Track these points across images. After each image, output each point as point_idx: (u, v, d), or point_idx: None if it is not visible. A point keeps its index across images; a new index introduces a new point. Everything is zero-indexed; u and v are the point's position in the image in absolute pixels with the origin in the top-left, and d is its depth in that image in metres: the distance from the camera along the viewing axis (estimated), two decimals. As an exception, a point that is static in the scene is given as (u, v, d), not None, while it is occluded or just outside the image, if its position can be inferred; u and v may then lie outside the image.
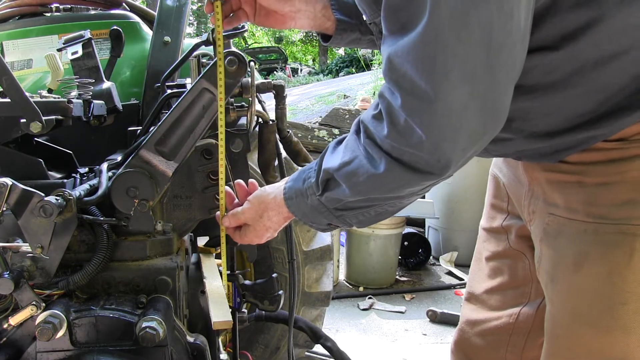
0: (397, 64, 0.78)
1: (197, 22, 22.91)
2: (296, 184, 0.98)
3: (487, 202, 1.34)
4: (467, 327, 1.35)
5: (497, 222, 1.29)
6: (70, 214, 1.04)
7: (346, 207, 0.93)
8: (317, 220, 0.99)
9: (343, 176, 0.89)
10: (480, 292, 1.33)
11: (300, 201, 0.97)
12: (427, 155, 0.80)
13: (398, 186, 0.86)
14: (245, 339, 1.97)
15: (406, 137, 0.80)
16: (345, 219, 0.96)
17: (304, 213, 0.98)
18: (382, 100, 0.83)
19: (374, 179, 0.85)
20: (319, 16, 1.14)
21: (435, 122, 0.77)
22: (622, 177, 0.91)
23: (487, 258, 1.32)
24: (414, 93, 0.77)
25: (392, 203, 0.92)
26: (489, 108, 0.79)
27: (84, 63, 1.72)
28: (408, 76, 0.77)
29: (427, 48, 0.74)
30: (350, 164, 0.88)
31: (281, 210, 1.01)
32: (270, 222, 1.04)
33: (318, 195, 0.93)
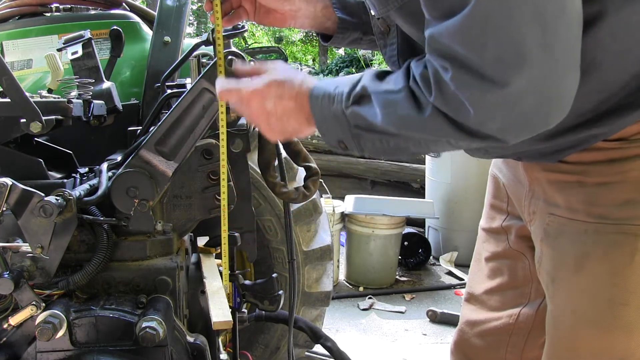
0: (444, 44, 0.74)
1: (197, 22, 22.91)
2: (327, 86, 0.91)
3: (486, 203, 1.34)
4: (467, 328, 1.35)
5: (496, 222, 1.29)
6: (70, 214, 1.04)
7: (369, 129, 0.87)
8: (331, 131, 0.91)
9: (382, 101, 0.83)
10: (480, 292, 1.33)
11: (325, 104, 0.90)
12: (473, 126, 0.76)
13: (436, 133, 0.81)
14: (245, 339, 1.97)
15: (453, 108, 0.76)
16: (360, 140, 0.89)
17: (322, 117, 0.91)
18: (431, 65, 0.78)
19: (414, 119, 0.80)
20: (319, 15, 1.13)
21: (487, 100, 0.73)
22: (623, 176, 0.91)
23: (487, 258, 1.32)
24: (464, 67, 0.73)
25: (419, 144, 0.86)
26: (549, 93, 0.73)
27: (84, 63, 1.72)
28: (459, 55, 0.73)
29: (477, 30, 0.70)
30: (394, 94, 0.82)
31: (301, 101, 0.92)
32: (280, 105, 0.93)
33: (345, 106, 0.87)
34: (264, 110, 0.94)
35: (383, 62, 6.95)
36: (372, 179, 4.99)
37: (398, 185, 4.97)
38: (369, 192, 4.86)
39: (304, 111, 0.93)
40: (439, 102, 0.77)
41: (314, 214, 1.98)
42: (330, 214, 3.37)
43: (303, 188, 1.27)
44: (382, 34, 1.04)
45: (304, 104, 0.92)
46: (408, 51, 1.00)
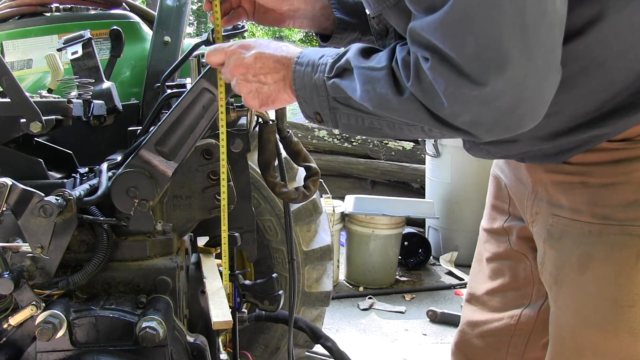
0: (425, 37, 0.73)
1: (197, 22, 22.91)
2: (312, 55, 0.91)
3: (487, 203, 1.33)
4: (468, 329, 1.34)
5: (498, 223, 1.28)
6: (70, 214, 1.04)
7: (346, 103, 0.87)
8: (308, 101, 0.91)
9: (362, 77, 0.83)
10: (481, 293, 1.33)
11: (307, 72, 0.89)
12: (446, 116, 0.76)
13: (411, 117, 0.81)
14: (245, 339, 1.97)
15: (428, 97, 0.76)
16: (336, 114, 0.89)
17: (302, 86, 0.90)
18: (413, 52, 0.77)
19: (391, 99, 0.80)
20: (317, 15, 1.13)
21: (461, 95, 0.73)
22: (627, 177, 0.90)
23: (488, 259, 1.32)
24: (443, 60, 0.72)
25: (393, 125, 0.86)
26: (525, 96, 0.72)
27: (84, 63, 1.72)
28: (439, 48, 0.72)
29: (456, 27, 0.70)
30: (375, 71, 0.82)
31: (284, 62, 0.92)
32: (260, 61, 0.92)
33: (326, 77, 0.87)
34: (242, 62, 0.94)
35: (383, 62, 6.96)
36: (372, 179, 4.99)
37: (398, 185, 4.97)
38: (369, 192, 4.86)
39: (285, 75, 0.92)
40: (415, 89, 0.77)
41: (314, 214, 1.98)
42: (330, 214, 3.37)
43: (303, 188, 1.27)
44: (380, 34, 1.03)
45: (286, 66, 0.92)
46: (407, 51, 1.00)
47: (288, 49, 0.94)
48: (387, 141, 4.96)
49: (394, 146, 4.94)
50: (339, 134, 5.00)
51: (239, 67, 0.95)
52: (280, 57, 0.93)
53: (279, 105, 0.98)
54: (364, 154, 4.97)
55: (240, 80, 0.96)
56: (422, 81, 0.76)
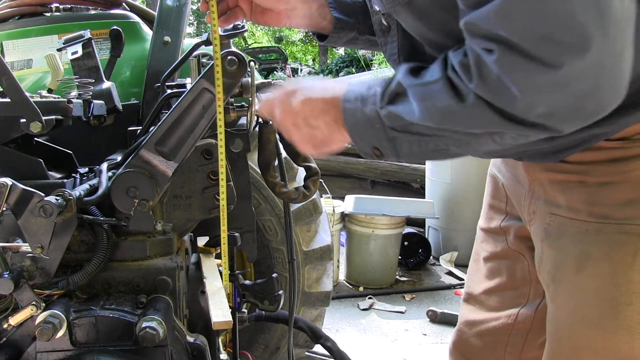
0: (485, 28, 0.69)
1: (197, 22, 22.91)
2: (360, 87, 0.87)
3: (485, 203, 1.34)
4: (466, 328, 1.35)
5: (495, 222, 1.28)
6: (70, 214, 1.04)
7: (405, 129, 0.82)
8: (364, 137, 0.86)
9: (419, 94, 0.79)
10: (478, 292, 1.33)
11: (357, 107, 0.86)
12: (519, 113, 0.72)
13: (479, 123, 0.76)
14: (245, 339, 1.97)
15: (496, 94, 0.71)
16: (396, 143, 0.84)
17: (355, 122, 0.86)
18: (471, 51, 0.73)
19: (455, 110, 0.76)
20: (315, 15, 1.13)
21: (535, 82, 0.68)
22: (625, 176, 0.90)
23: (485, 259, 1.32)
24: (510, 48, 0.68)
25: (460, 141, 0.81)
26: (604, 75, 0.68)
27: (84, 63, 1.72)
28: (504, 36, 0.68)
29: (521, 9, 0.66)
30: (431, 84, 0.78)
31: (330, 110, 0.88)
32: (309, 105, 0.90)
33: (379, 107, 0.83)
34: (290, 110, 0.92)
35: (383, 62, 6.94)
36: (372, 179, 4.99)
37: (398, 185, 4.97)
38: (369, 192, 4.86)
39: (335, 115, 0.88)
40: (480, 89, 0.72)
41: (314, 214, 1.98)
42: (330, 214, 3.37)
43: (303, 188, 1.27)
44: (382, 31, 1.03)
45: (335, 105, 0.89)
46: (409, 49, 1.00)
47: (334, 86, 0.91)
48: (387, 141, 4.96)
49: (394, 146, 4.94)
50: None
51: (288, 115, 0.93)
52: (328, 98, 0.90)
53: (335, 148, 0.94)
54: (364, 154, 4.97)
55: (291, 128, 0.94)
56: (486, 78, 0.71)
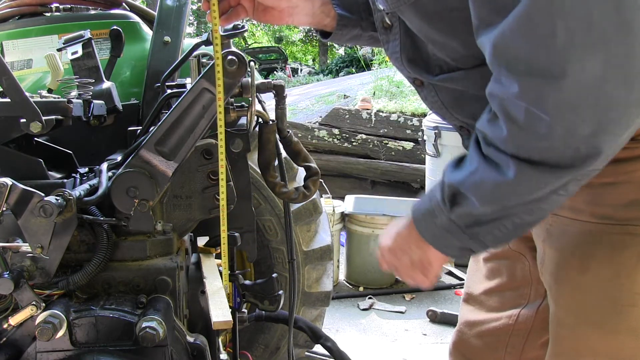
0: (505, 46, 0.69)
1: (197, 22, 22.92)
2: (423, 203, 0.91)
3: None
4: (466, 329, 1.34)
5: None
6: (70, 214, 1.04)
7: (479, 222, 0.84)
8: (449, 244, 0.89)
9: (470, 187, 0.81)
10: (478, 292, 1.33)
11: (429, 221, 0.89)
12: (561, 144, 0.69)
13: (533, 189, 0.76)
14: (245, 339, 1.97)
15: (530, 131, 0.70)
16: (479, 237, 0.86)
17: (434, 235, 0.90)
18: (493, 98, 0.74)
19: (504, 186, 0.77)
20: (317, 12, 1.13)
21: (565, 102, 0.66)
22: (629, 177, 0.89)
23: (485, 259, 1.32)
24: (532, 73, 0.67)
25: (529, 209, 0.81)
26: (634, 75, 0.65)
27: (84, 63, 1.72)
28: (521, 56, 0.67)
29: (540, 16, 0.65)
30: (475, 174, 0.80)
31: (412, 232, 0.93)
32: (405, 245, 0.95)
33: (447, 213, 0.85)
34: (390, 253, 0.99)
35: (383, 62, 6.94)
36: (372, 179, 4.99)
37: (398, 185, 4.97)
38: (369, 192, 4.86)
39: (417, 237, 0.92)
40: (513, 134, 0.72)
41: (314, 214, 1.98)
42: (330, 214, 3.37)
43: (303, 188, 1.27)
44: (384, 29, 1.03)
45: (412, 230, 0.93)
46: (411, 47, 1.00)
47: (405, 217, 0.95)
48: (387, 141, 4.96)
49: (394, 146, 4.94)
50: (338, 134, 5.00)
51: (392, 259, 0.99)
52: (405, 227, 0.95)
53: (441, 262, 0.96)
54: (364, 154, 4.97)
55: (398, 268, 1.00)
56: (516, 119, 0.71)
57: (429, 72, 1.00)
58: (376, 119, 5.07)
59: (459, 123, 1.06)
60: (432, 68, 0.99)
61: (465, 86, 0.96)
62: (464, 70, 0.94)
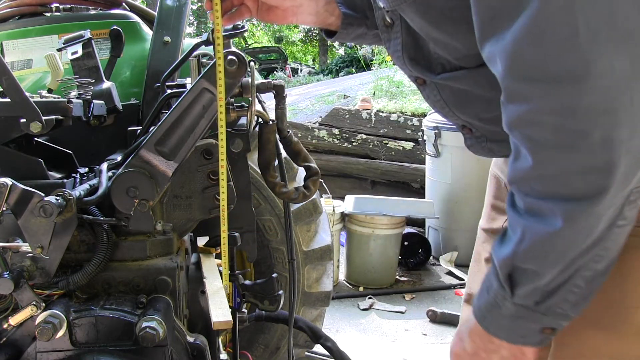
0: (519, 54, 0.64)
1: (197, 22, 22.92)
2: (481, 298, 0.85)
3: (487, 203, 1.32)
4: None
5: (497, 223, 1.27)
6: (70, 214, 1.04)
7: (547, 293, 0.76)
8: (525, 332, 0.81)
9: (523, 257, 0.74)
10: None
11: (495, 315, 0.82)
12: (599, 156, 0.64)
13: (588, 229, 0.69)
14: (245, 339, 1.97)
15: (563, 148, 0.64)
16: (554, 309, 0.78)
17: (506, 328, 0.82)
18: (513, 127, 0.68)
19: (557, 238, 0.70)
20: (321, 11, 1.12)
21: (597, 105, 0.62)
22: None
23: (487, 260, 1.30)
24: (555, 79, 0.62)
25: (595, 256, 0.74)
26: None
27: (84, 63, 1.72)
28: (541, 62, 0.62)
29: (558, 14, 0.60)
30: (522, 240, 0.73)
31: (482, 335, 0.86)
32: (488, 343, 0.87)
33: (510, 298, 0.78)
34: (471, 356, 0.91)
35: (383, 62, 6.94)
36: (372, 179, 4.99)
37: (398, 185, 4.97)
38: (369, 192, 4.86)
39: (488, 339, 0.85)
40: (542, 159, 0.66)
41: (314, 214, 1.98)
42: (330, 214, 3.37)
43: (303, 188, 1.27)
44: (386, 27, 1.01)
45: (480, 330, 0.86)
46: (412, 45, 0.98)
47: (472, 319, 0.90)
48: (387, 141, 4.96)
49: (394, 146, 4.94)
50: (338, 134, 5.00)
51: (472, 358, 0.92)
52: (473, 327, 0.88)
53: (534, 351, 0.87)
54: (364, 154, 4.97)
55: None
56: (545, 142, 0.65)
57: (431, 70, 0.98)
58: (376, 119, 5.07)
59: (462, 122, 1.05)
60: (434, 66, 0.98)
61: (468, 85, 0.95)
62: (467, 70, 0.92)
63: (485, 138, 1.03)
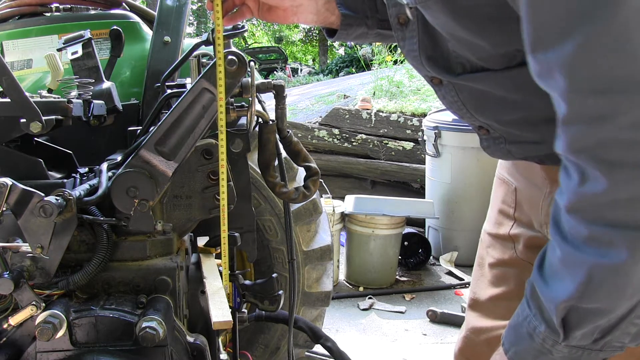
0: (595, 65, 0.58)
1: (197, 22, 22.93)
2: (522, 343, 0.77)
3: (493, 207, 1.28)
4: (473, 335, 1.29)
5: (504, 228, 1.23)
6: (70, 214, 1.04)
7: (608, 329, 0.71)
8: None
9: (591, 299, 0.67)
10: (484, 299, 1.28)
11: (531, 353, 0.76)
12: None
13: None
14: (245, 339, 1.97)
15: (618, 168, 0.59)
16: (612, 343, 0.72)
17: None
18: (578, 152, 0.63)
19: (628, 270, 0.64)
20: (322, 10, 1.11)
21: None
22: None
23: (491, 264, 1.27)
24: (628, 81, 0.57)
25: None
26: None
27: (84, 63, 1.72)
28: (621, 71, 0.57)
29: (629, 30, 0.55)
30: (592, 281, 0.66)
31: None
32: None
33: (564, 341, 0.72)
34: None
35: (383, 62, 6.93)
36: (372, 179, 4.99)
37: (398, 185, 4.97)
38: (369, 192, 4.86)
39: None
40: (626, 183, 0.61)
41: (314, 214, 1.98)
42: (330, 214, 3.38)
43: (303, 188, 1.27)
44: (400, 24, 0.95)
45: None
46: (430, 44, 0.94)
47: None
48: (387, 141, 4.96)
49: (394, 146, 4.94)
50: (338, 134, 5.00)
51: None
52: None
53: None
54: (364, 154, 4.97)
55: None
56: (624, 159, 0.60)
57: (450, 70, 0.94)
58: (376, 119, 5.07)
59: (479, 123, 1.01)
60: (454, 66, 0.93)
61: (489, 87, 0.90)
62: (491, 71, 0.88)
63: (503, 139, 1.00)
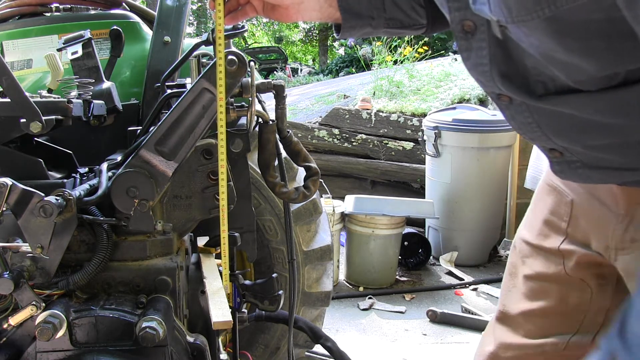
0: None
1: (197, 22, 22.93)
2: None
3: (536, 215, 1.18)
4: (501, 351, 1.21)
5: (551, 242, 1.13)
6: (70, 214, 1.04)
7: None
8: None
9: None
10: (516, 312, 1.19)
11: None
12: None
13: None
14: (245, 339, 1.97)
15: None
16: None
17: None
18: None
19: None
20: (324, 6, 1.08)
21: None
22: None
23: (528, 277, 1.18)
24: None
25: None
26: None
27: (84, 63, 1.72)
28: None
29: None
30: None
31: None
32: None
33: None
34: None
35: (383, 62, 6.92)
36: (372, 179, 4.99)
37: (398, 185, 4.97)
38: (369, 192, 4.86)
39: None
40: None
41: (314, 214, 1.98)
42: (330, 214, 3.37)
43: (303, 188, 1.27)
44: (465, 33, 0.81)
45: None
46: (503, 59, 0.81)
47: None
48: (387, 141, 4.96)
49: (394, 146, 4.94)
50: (338, 134, 5.00)
51: None
52: None
53: None
54: (364, 154, 4.97)
55: None
56: None
57: (529, 90, 0.82)
58: (376, 119, 5.07)
59: (553, 146, 0.91)
60: (533, 86, 0.81)
61: (578, 109, 0.80)
62: (585, 93, 0.77)
63: (581, 163, 0.90)
